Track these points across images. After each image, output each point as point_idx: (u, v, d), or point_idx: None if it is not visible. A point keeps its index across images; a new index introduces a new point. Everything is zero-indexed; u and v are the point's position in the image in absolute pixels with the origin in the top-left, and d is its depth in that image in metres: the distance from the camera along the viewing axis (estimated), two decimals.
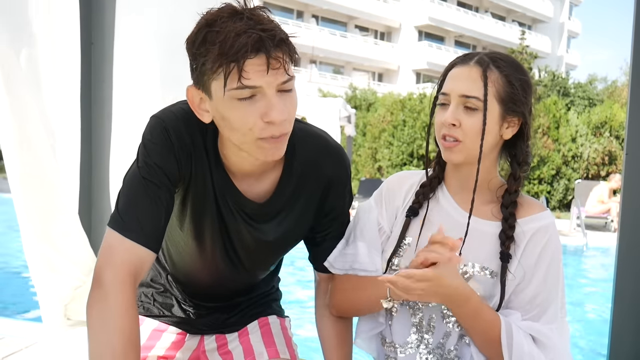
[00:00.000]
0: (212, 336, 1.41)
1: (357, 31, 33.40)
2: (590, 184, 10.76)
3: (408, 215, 1.26)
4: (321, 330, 1.35)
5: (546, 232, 1.19)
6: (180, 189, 1.17)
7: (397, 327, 1.27)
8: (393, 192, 1.31)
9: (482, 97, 1.15)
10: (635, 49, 1.82)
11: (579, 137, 14.06)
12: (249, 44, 0.97)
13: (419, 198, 1.27)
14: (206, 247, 1.24)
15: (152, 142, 1.12)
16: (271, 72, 1.00)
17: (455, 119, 1.17)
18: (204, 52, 1.00)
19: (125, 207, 1.10)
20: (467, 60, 1.20)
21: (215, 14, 1.01)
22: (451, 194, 1.27)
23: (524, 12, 37.15)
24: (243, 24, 0.98)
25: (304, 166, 1.22)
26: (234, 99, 1.01)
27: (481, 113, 1.16)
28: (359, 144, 16.16)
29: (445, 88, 1.21)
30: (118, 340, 1.02)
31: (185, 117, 1.13)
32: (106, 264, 1.07)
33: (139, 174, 1.11)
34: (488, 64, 1.18)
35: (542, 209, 1.23)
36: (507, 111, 1.18)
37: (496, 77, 1.17)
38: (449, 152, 1.19)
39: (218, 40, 0.98)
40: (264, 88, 1.01)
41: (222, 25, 0.98)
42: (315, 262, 1.35)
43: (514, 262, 1.19)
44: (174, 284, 1.39)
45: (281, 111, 1.02)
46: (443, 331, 1.23)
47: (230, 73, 0.98)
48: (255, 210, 1.21)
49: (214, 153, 1.16)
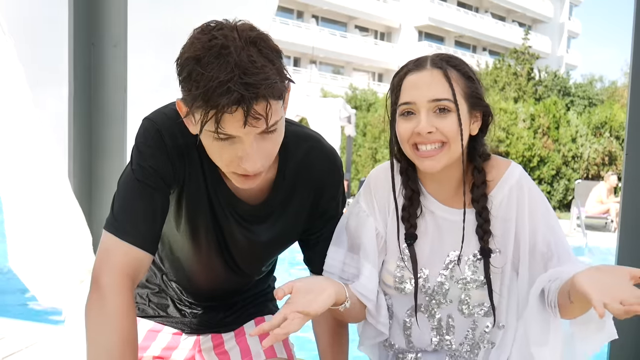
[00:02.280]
0: (208, 335, 1.40)
1: (357, 31, 33.40)
2: (590, 184, 10.76)
3: (408, 243, 1.24)
4: (317, 331, 1.34)
5: (523, 185, 1.21)
6: (175, 190, 1.17)
7: (415, 333, 1.28)
8: (380, 191, 1.28)
9: (452, 97, 1.14)
10: (635, 49, 1.82)
11: (579, 137, 14.06)
12: (230, 100, 0.94)
13: (409, 223, 1.24)
14: (201, 247, 1.24)
15: (146, 144, 1.11)
16: (248, 126, 0.98)
17: (430, 126, 1.14)
18: (189, 87, 0.98)
19: (120, 209, 1.10)
20: (421, 66, 1.18)
21: (203, 48, 0.96)
22: (434, 197, 1.25)
23: (524, 12, 37.15)
24: (228, 72, 0.94)
25: (297, 168, 1.22)
26: (211, 138, 1.01)
27: (453, 114, 1.15)
28: (359, 144, 16.15)
29: (408, 97, 1.17)
30: (116, 343, 1.02)
31: (177, 118, 1.12)
32: (104, 267, 1.07)
33: (133, 177, 1.11)
34: (445, 65, 1.17)
35: (507, 164, 1.24)
36: (473, 107, 1.19)
37: (457, 76, 1.17)
38: (430, 160, 1.16)
39: (201, 84, 0.95)
40: (242, 137, 1.00)
41: (207, 68, 0.95)
42: (310, 264, 1.34)
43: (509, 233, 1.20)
44: (170, 284, 1.39)
45: (254, 162, 1.02)
46: (468, 325, 1.25)
47: (208, 121, 0.97)
48: (248, 212, 1.21)
49: (206, 154, 1.15)
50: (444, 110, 1.15)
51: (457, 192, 1.23)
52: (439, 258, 1.24)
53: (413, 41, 33.66)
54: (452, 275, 1.23)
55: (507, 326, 1.25)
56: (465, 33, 34.48)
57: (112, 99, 2.29)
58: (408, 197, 1.24)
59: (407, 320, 1.28)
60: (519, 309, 1.23)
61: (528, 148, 13.49)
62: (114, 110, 2.30)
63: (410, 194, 1.24)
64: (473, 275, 1.22)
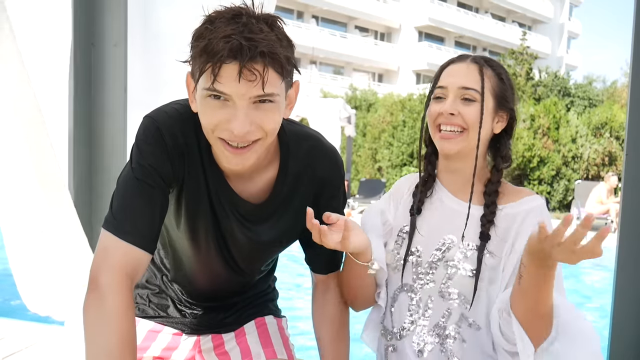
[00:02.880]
0: (208, 336, 1.40)
1: (357, 32, 33.40)
2: (590, 185, 10.76)
3: (412, 213, 1.34)
4: (319, 330, 1.35)
5: (538, 212, 1.26)
6: (174, 189, 1.16)
7: (396, 313, 1.33)
8: (398, 190, 1.42)
9: (480, 89, 1.26)
10: (635, 49, 1.82)
11: (579, 137, 14.05)
12: (226, 49, 0.97)
13: (418, 197, 1.35)
14: (201, 247, 1.24)
15: (146, 142, 1.11)
16: (243, 82, 0.99)
17: (454, 109, 1.26)
18: (196, 45, 1.01)
19: (119, 208, 1.10)
20: (463, 59, 1.31)
21: (220, 12, 1.02)
22: (447, 188, 1.34)
23: (524, 13, 37.16)
24: (233, 28, 0.98)
25: (298, 168, 1.22)
26: (207, 96, 1.03)
27: (478, 104, 1.26)
28: (359, 144, 16.15)
29: (443, 82, 1.29)
30: (115, 342, 1.01)
31: (178, 117, 1.13)
32: (102, 266, 1.06)
33: (132, 175, 1.10)
34: (483, 62, 1.30)
35: (531, 193, 1.31)
36: (499, 105, 1.29)
37: (491, 74, 1.29)
38: (447, 142, 1.27)
39: (207, 38, 0.99)
40: (234, 97, 1.01)
41: (217, 25, 0.99)
42: (311, 263, 1.35)
43: (508, 243, 1.25)
44: (170, 284, 1.38)
45: (242, 124, 1.02)
46: (442, 311, 1.28)
47: (204, 72, 1.00)
48: (249, 212, 1.21)
49: (207, 152, 1.16)
50: (470, 99, 1.26)
51: (468, 186, 1.30)
52: (436, 239, 1.30)
53: (413, 41, 33.65)
54: (444, 256, 1.28)
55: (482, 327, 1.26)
56: (465, 33, 34.47)
57: (112, 99, 2.29)
58: (424, 179, 1.36)
59: (393, 298, 1.34)
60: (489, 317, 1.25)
61: (528, 148, 13.48)
62: (114, 111, 2.30)
63: (427, 177, 1.37)
64: (464, 262, 1.26)
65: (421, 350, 1.28)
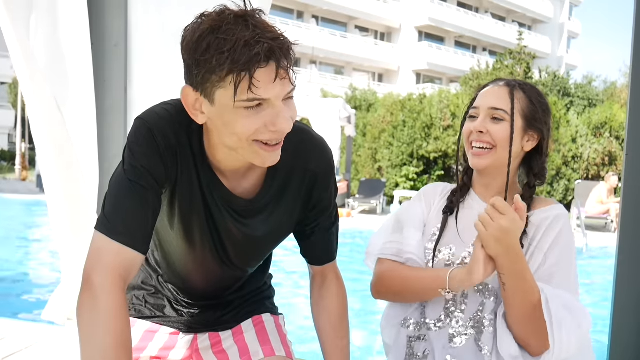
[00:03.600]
0: (206, 334, 1.40)
1: (357, 32, 33.42)
2: (590, 185, 10.76)
3: (445, 212, 1.45)
4: (318, 322, 1.35)
5: (559, 220, 1.35)
6: (167, 189, 1.16)
7: (430, 306, 1.40)
8: (430, 192, 1.52)
9: (509, 110, 1.36)
10: (635, 49, 1.82)
11: (579, 137, 14.05)
12: (261, 53, 0.96)
13: (452, 199, 1.46)
14: (196, 246, 1.25)
15: (138, 144, 1.11)
16: (278, 82, 1.00)
17: (483, 127, 1.37)
18: (209, 59, 0.98)
19: (112, 209, 1.10)
20: (497, 82, 1.43)
21: (219, 19, 0.99)
22: (480, 198, 1.44)
23: (524, 13, 37.17)
24: (250, 32, 0.97)
25: (289, 161, 1.21)
26: (241, 107, 1.02)
27: (507, 123, 1.36)
28: (359, 144, 16.15)
29: (477, 103, 1.41)
30: (110, 342, 1.02)
31: (169, 117, 1.13)
32: (95, 267, 1.06)
33: (125, 177, 1.10)
34: (515, 85, 1.40)
35: (555, 203, 1.42)
36: (528, 126, 1.38)
37: (521, 96, 1.38)
38: (478, 158, 1.38)
39: (226, 49, 0.96)
40: (272, 99, 1.02)
41: (229, 32, 0.97)
42: (307, 255, 1.36)
43: (531, 247, 1.33)
44: (165, 284, 1.39)
45: (287, 120, 1.05)
46: (476, 304, 1.34)
47: (240, 82, 0.98)
48: (242, 207, 1.22)
49: (200, 152, 1.16)
50: (499, 118, 1.37)
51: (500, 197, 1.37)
52: (468, 239, 1.38)
53: (413, 41, 33.67)
54: None
55: None
56: (465, 33, 34.49)
57: (112, 98, 2.29)
58: (460, 186, 1.48)
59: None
60: None
61: None
62: (114, 111, 2.30)
63: (462, 185, 1.48)
64: None
65: (455, 341, 1.34)
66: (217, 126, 1.08)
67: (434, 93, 16.86)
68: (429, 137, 14.69)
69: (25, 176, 19.61)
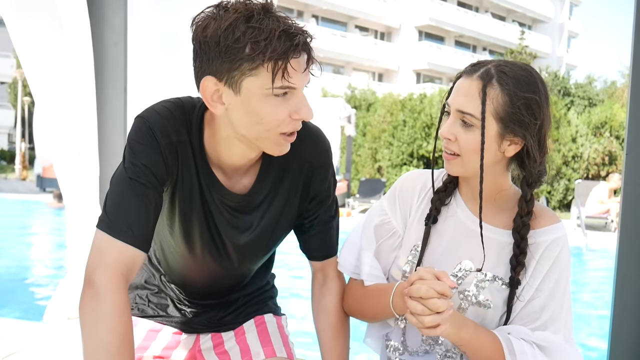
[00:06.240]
0: (208, 335, 1.40)
1: (357, 31, 33.39)
2: (591, 184, 10.76)
3: (427, 224, 1.25)
4: (318, 322, 1.34)
5: (557, 245, 1.19)
6: (168, 187, 1.17)
7: (410, 331, 1.28)
8: (406, 192, 1.31)
9: (479, 114, 1.12)
10: (635, 49, 1.82)
11: (579, 137, 14.05)
12: (299, 43, 1.02)
13: (435, 205, 1.26)
14: (195, 245, 1.25)
15: (138, 142, 1.11)
16: (306, 71, 1.06)
17: (451, 134, 1.17)
18: (242, 47, 1.00)
19: (113, 208, 1.10)
20: (472, 72, 1.16)
21: (248, 9, 1.02)
22: (464, 201, 1.26)
23: (524, 12, 37.15)
24: (281, 23, 1.01)
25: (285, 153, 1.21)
26: (270, 95, 1.04)
27: (477, 130, 1.13)
28: (359, 144, 16.15)
29: (449, 98, 1.19)
30: (113, 340, 1.02)
31: (169, 115, 1.13)
32: (97, 266, 1.06)
33: (125, 175, 1.11)
34: (491, 78, 1.12)
35: (556, 220, 1.22)
36: (505, 130, 1.13)
37: (496, 94, 1.12)
38: (448, 164, 1.21)
39: (262, 38, 0.99)
40: (298, 88, 1.06)
41: (262, 23, 1.00)
42: (307, 250, 1.34)
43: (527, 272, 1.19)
44: (168, 284, 1.39)
45: (310, 109, 1.09)
46: None
47: (278, 71, 1.01)
48: (238, 202, 1.21)
49: (199, 149, 1.16)
50: (469, 124, 1.14)
51: (486, 206, 1.21)
52: (451, 262, 1.22)
53: (413, 41, 33.64)
54: (459, 284, 1.21)
55: None
56: (465, 33, 34.47)
57: (112, 98, 2.29)
58: (445, 183, 1.28)
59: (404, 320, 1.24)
60: None
61: None
62: (113, 110, 2.30)
63: (448, 182, 1.28)
64: (477, 293, 1.19)
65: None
66: (238, 116, 1.08)
67: (434, 93, 16.86)
68: (429, 136, 14.69)
69: (25, 175, 19.63)
